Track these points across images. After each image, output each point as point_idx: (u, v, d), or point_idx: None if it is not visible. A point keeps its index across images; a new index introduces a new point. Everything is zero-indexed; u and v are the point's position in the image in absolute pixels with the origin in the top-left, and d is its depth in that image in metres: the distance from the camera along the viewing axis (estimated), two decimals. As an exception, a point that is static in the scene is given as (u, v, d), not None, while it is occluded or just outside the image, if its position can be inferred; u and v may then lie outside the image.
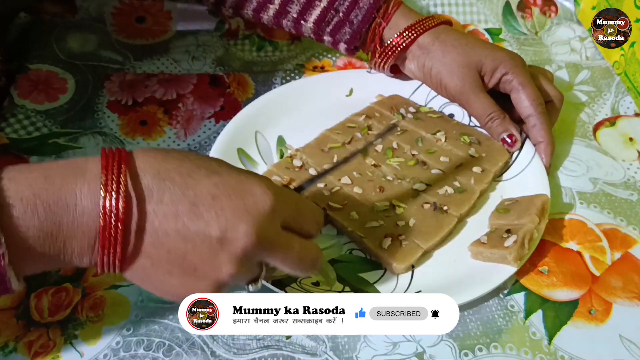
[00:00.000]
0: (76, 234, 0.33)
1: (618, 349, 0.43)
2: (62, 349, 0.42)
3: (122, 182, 0.33)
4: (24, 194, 0.32)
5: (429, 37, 0.58)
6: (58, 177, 0.33)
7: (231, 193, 0.35)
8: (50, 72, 0.63)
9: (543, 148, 0.54)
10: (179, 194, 0.34)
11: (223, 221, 0.34)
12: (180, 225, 0.34)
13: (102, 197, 0.33)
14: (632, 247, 0.50)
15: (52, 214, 0.32)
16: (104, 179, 0.33)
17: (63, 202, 0.33)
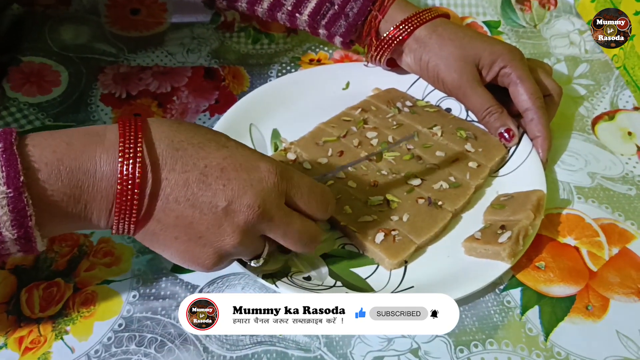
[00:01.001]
0: (96, 198, 0.35)
1: (615, 345, 0.43)
2: (53, 344, 0.42)
3: (139, 150, 0.35)
4: (48, 158, 0.34)
5: (426, 30, 0.57)
6: (79, 143, 0.35)
7: (238, 167, 0.37)
8: (43, 65, 0.63)
9: (540, 142, 0.53)
10: (191, 163, 0.36)
11: (229, 192, 0.36)
12: (189, 193, 0.36)
13: (119, 164, 0.34)
14: (630, 242, 0.50)
15: (74, 179, 0.34)
16: (121, 147, 0.35)
17: (84, 167, 0.34)
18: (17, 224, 0.33)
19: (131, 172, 0.34)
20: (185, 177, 0.36)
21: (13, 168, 0.33)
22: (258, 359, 0.42)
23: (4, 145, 0.33)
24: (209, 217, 0.36)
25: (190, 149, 0.36)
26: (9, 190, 0.32)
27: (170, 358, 0.41)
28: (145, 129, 0.36)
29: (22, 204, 0.33)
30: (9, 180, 0.32)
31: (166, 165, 0.36)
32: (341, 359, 0.42)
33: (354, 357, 0.42)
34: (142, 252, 0.48)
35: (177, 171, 0.36)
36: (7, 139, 0.34)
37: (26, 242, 0.34)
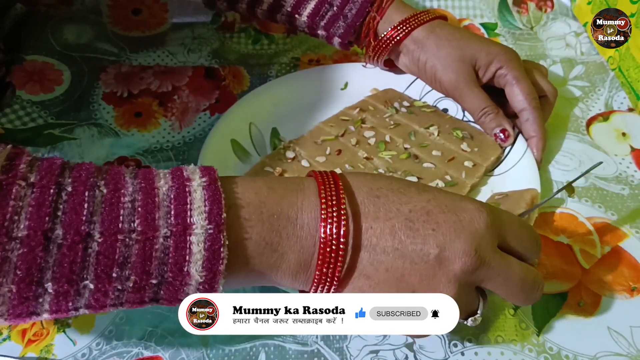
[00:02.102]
0: (294, 248, 0.33)
1: (606, 341, 0.44)
2: (55, 337, 0.43)
3: (341, 197, 0.33)
4: (251, 199, 0.32)
5: (424, 31, 0.58)
6: (281, 189, 0.33)
7: (445, 209, 0.34)
8: (46, 64, 0.64)
9: (535, 142, 0.54)
10: (394, 209, 0.33)
11: (440, 237, 0.33)
12: (397, 242, 0.33)
13: (322, 213, 0.32)
14: (622, 241, 0.50)
15: (276, 224, 0.32)
16: (322, 194, 0.33)
17: (286, 213, 0.32)
18: (208, 265, 0.30)
19: (335, 221, 0.32)
20: (391, 225, 0.33)
21: (217, 203, 0.30)
22: (256, 352, 0.42)
23: (208, 179, 0.31)
24: (421, 266, 0.33)
25: (391, 195, 0.34)
26: (210, 226, 0.30)
27: (170, 351, 0.42)
28: (343, 179, 0.34)
29: (219, 244, 0.30)
30: (212, 216, 0.30)
31: (369, 214, 0.33)
32: (337, 352, 0.42)
33: (350, 351, 0.43)
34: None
35: (380, 219, 0.33)
36: (211, 174, 0.32)
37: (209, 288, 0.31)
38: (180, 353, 0.42)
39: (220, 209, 0.30)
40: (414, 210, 0.33)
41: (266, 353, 0.42)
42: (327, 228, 0.32)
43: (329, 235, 0.32)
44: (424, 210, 0.33)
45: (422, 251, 0.33)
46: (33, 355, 0.42)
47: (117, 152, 0.56)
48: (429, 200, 0.34)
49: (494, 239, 0.34)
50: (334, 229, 0.32)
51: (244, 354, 0.42)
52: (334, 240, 0.32)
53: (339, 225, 0.32)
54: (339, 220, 0.32)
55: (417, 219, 0.33)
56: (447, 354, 0.43)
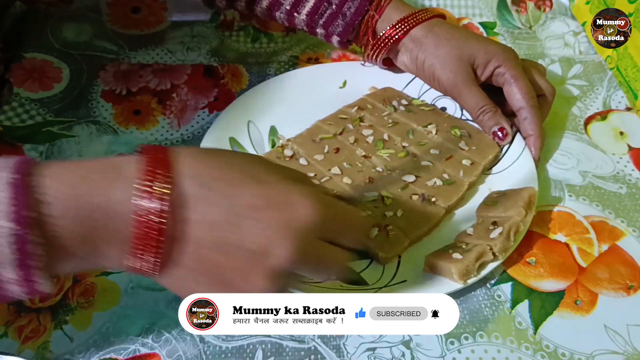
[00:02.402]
0: (111, 239, 0.32)
1: (603, 339, 0.44)
2: (52, 334, 0.43)
3: (159, 188, 0.31)
4: (63, 193, 0.31)
5: (422, 30, 0.58)
6: (96, 178, 0.32)
7: (272, 205, 0.33)
8: (45, 61, 0.64)
9: (533, 141, 0.54)
10: (221, 204, 0.33)
11: (262, 235, 0.32)
12: (218, 236, 0.32)
13: (136, 204, 0.31)
14: (620, 239, 0.51)
15: (89, 217, 0.31)
16: (140, 184, 0.31)
17: (101, 205, 0.31)
18: (21, 264, 0.30)
19: (151, 211, 0.31)
20: (213, 218, 0.32)
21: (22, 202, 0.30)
22: (253, 349, 0.42)
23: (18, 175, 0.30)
24: (240, 260, 0.33)
25: (222, 187, 0.33)
26: (17, 226, 0.29)
27: (167, 348, 0.42)
28: (169, 162, 0.33)
29: (29, 243, 0.30)
30: (16, 216, 0.29)
31: (193, 206, 0.32)
32: (334, 350, 0.43)
33: (347, 349, 0.43)
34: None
35: (205, 212, 0.32)
36: (23, 169, 0.31)
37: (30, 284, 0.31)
38: (177, 350, 0.42)
39: (26, 208, 0.30)
40: (240, 205, 0.33)
41: (263, 350, 0.42)
42: (142, 218, 0.31)
43: (144, 226, 0.31)
44: (250, 205, 0.33)
45: (242, 246, 0.32)
46: (30, 352, 0.42)
47: (116, 149, 0.56)
48: (260, 195, 0.33)
49: (317, 236, 0.34)
50: (153, 221, 0.31)
51: (241, 351, 0.42)
52: (152, 232, 0.31)
53: (151, 218, 0.31)
54: (152, 213, 0.31)
55: (241, 213, 0.33)
56: (444, 352, 0.43)
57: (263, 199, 0.33)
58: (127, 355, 0.42)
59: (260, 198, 0.33)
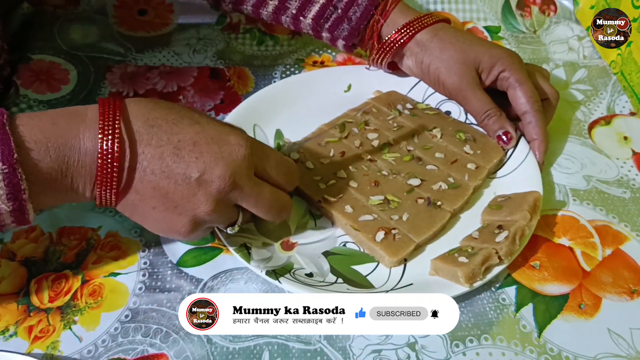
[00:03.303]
0: (80, 172, 0.39)
1: (606, 343, 0.44)
2: (61, 334, 0.43)
3: (117, 127, 0.38)
4: (37, 137, 0.37)
5: (427, 34, 0.58)
6: (64, 123, 0.38)
7: (210, 141, 0.40)
8: (53, 63, 0.64)
9: (537, 145, 0.55)
10: (165, 138, 0.39)
11: (201, 164, 0.39)
12: (164, 165, 0.39)
13: (99, 140, 0.38)
14: (623, 244, 0.51)
15: (61, 154, 0.38)
16: (100, 124, 0.38)
17: (69, 144, 0.38)
18: (12, 197, 0.36)
19: (110, 147, 0.38)
20: (161, 151, 0.39)
21: (7, 146, 0.36)
22: (260, 350, 0.43)
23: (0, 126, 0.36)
24: (183, 187, 0.39)
25: (165, 125, 0.40)
26: (4, 166, 0.35)
27: (175, 349, 0.43)
28: (123, 107, 0.39)
29: (17, 179, 0.36)
30: (4, 157, 0.35)
31: (142, 140, 0.39)
32: (340, 352, 0.43)
33: (352, 351, 0.43)
34: (148, 246, 0.49)
35: (152, 146, 0.39)
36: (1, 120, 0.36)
37: (20, 214, 0.38)
38: (185, 351, 0.43)
39: (11, 150, 0.36)
40: (183, 140, 0.39)
41: (270, 352, 0.43)
42: (104, 153, 0.38)
43: (105, 160, 0.38)
44: (191, 140, 0.40)
45: (185, 174, 0.39)
46: (39, 351, 0.42)
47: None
48: (197, 132, 0.40)
49: (250, 168, 0.41)
50: (109, 155, 0.38)
51: (248, 352, 0.43)
52: (109, 161, 0.38)
53: (113, 149, 0.38)
54: (113, 148, 0.38)
55: (184, 147, 0.39)
56: (449, 354, 0.43)
57: (200, 135, 0.40)
58: (136, 356, 0.42)
59: (198, 135, 0.40)
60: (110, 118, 0.38)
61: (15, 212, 0.37)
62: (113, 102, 0.39)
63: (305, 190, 0.51)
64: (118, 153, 0.38)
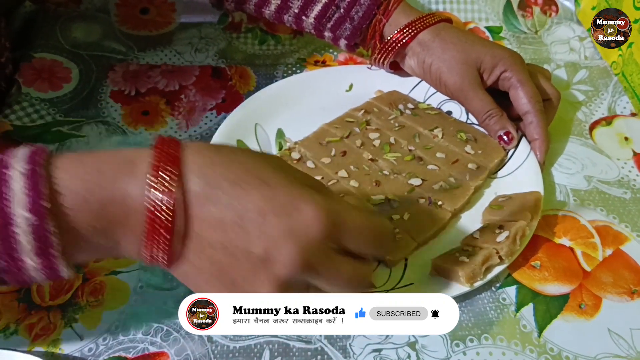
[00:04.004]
0: (125, 231, 0.33)
1: (607, 343, 0.44)
2: (62, 332, 0.43)
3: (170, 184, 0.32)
4: (76, 185, 0.32)
5: (429, 34, 0.58)
6: (110, 171, 0.33)
7: (280, 210, 0.32)
8: (55, 61, 0.64)
9: (538, 145, 0.55)
10: (226, 204, 0.33)
11: (267, 240, 0.32)
12: (224, 237, 0.32)
13: (149, 201, 0.32)
14: (624, 244, 0.51)
15: (103, 210, 0.32)
16: (154, 181, 0.32)
17: (114, 199, 0.32)
18: (40, 252, 0.31)
19: (160, 207, 0.32)
20: (221, 219, 0.32)
21: (37, 192, 0.30)
22: (260, 349, 0.43)
23: (32, 167, 0.31)
24: (244, 264, 0.33)
25: (227, 187, 0.33)
26: (33, 217, 0.30)
27: (175, 347, 0.43)
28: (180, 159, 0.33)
29: (46, 232, 0.31)
30: (33, 206, 0.30)
31: (199, 204, 0.32)
32: (341, 351, 0.43)
33: (353, 350, 0.43)
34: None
35: (211, 211, 0.32)
36: (36, 161, 0.32)
37: (50, 271, 0.32)
38: (186, 349, 0.43)
39: (41, 198, 0.30)
40: (247, 208, 0.32)
41: (270, 351, 0.43)
42: (155, 215, 0.32)
43: (157, 222, 0.32)
44: (256, 209, 0.32)
45: (247, 250, 0.32)
46: (40, 349, 0.42)
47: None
48: (265, 197, 0.33)
49: (326, 244, 0.33)
50: (163, 217, 0.32)
51: (249, 351, 0.43)
52: (162, 228, 0.32)
53: (167, 213, 0.32)
54: (168, 209, 0.32)
55: (248, 217, 0.32)
56: (449, 354, 0.43)
57: (268, 202, 0.33)
58: (136, 354, 0.42)
59: (265, 201, 0.33)
60: (167, 173, 0.32)
61: (45, 269, 0.32)
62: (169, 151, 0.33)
63: None
64: (171, 212, 0.32)
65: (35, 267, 0.31)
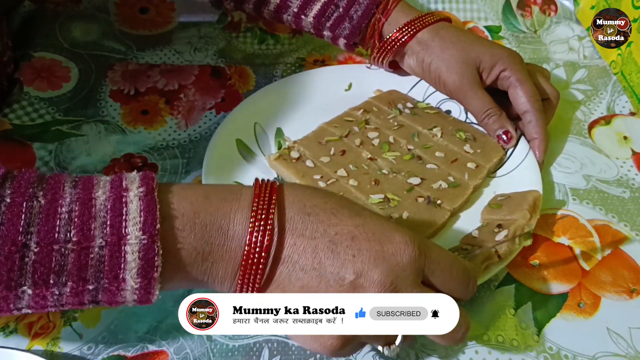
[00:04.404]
0: (224, 258, 0.34)
1: (605, 342, 0.44)
2: (61, 330, 0.44)
3: (271, 212, 0.34)
4: (186, 209, 0.33)
5: (429, 33, 0.58)
6: (216, 199, 0.34)
7: (371, 237, 0.34)
8: (54, 61, 0.64)
9: (537, 144, 0.55)
10: (321, 230, 0.34)
11: (359, 264, 0.33)
12: (316, 262, 0.34)
13: (250, 224, 0.33)
14: (623, 243, 0.51)
15: (207, 234, 0.33)
16: (254, 207, 0.34)
17: (218, 224, 0.34)
18: (143, 273, 0.31)
19: (261, 234, 0.33)
20: (314, 244, 0.34)
21: (152, 215, 0.32)
22: (260, 348, 0.43)
23: (145, 190, 0.32)
24: (335, 289, 0.34)
25: (322, 215, 0.35)
26: (144, 236, 0.31)
27: (175, 346, 0.43)
28: (280, 191, 0.35)
29: (153, 253, 0.31)
30: (146, 227, 0.31)
31: (296, 230, 0.34)
32: (340, 349, 0.43)
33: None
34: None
35: (306, 237, 0.34)
36: (149, 184, 0.33)
37: (145, 293, 0.32)
38: (185, 348, 0.43)
39: (154, 220, 0.31)
40: (340, 233, 0.34)
41: (269, 349, 0.43)
42: (252, 240, 0.33)
43: (253, 247, 0.33)
44: (349, 235, 0.34)
45: (339, 275, 0.34)
46: (39, 348, 0.42)
47: (124, 149, 0.57)
48: (357, 225, 0.35)
49: (416, 275, 0.35)
50: (259, 241, 0.33)
51: (248, 350, 0.43)
52: (257, 252, 0.33)
53: (263, 237, 0.33)
54: (264, 233, 0.33)
55: (340, 242, 0.34)
56: (449, 352, 0.43)
57: (360, 229, 0.34)
58: (135, 353, 0.42)
59: (357, 228, 0.34)
60: (265, 202, 0.34)
61: (141, 290, 0.32)
62: (270, 185, 0.35)
63: None
64: (268, 242, 0.33)
65: (134, 287, 0.32)
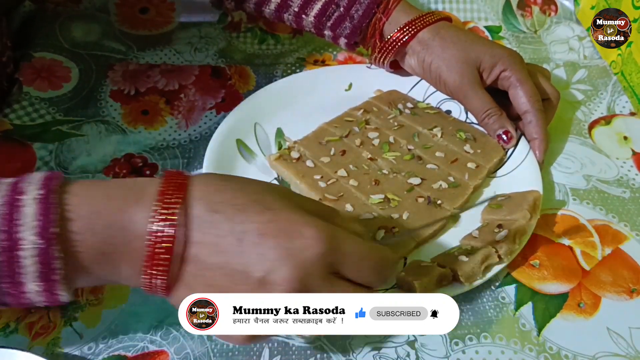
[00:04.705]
0: (127, 257, 0.34)
1: (606, 342, 0.44)
2: (62, 330, 0.44)
3: (174, 211, 0.33)
4: (85, 210, 0.33)
5: (429, 33, 0.58)
6: (119, 197, 0.34)
7: (279, 233, 0.33)
8: (54, 61, 0.64)
9: (537, 144, 0.55)
10: (227, 228, 0.33)
11: (266, 262, 0.33)
12: (222, 260, 0.33)
13: (151, 224, 0.33)
14: (623, 243, 0.51)
15: (109, 235, 0.33)
16: (157, 206, 0.33)
17: (119, 224, 0.33)
18: (43, 276, 0.32)
19: (162, 234, 0.33)
20: (220, 242, 0.33)
21: (47, 218, 0.31)
22: (260, 348, 0.43)
23: (45, 192, 0.32)
24: (242, 288, 0.33)
25: (230, 211, 0.34)
26: (41, 241, 0.31)
27: (175, 345, 0.43)
28: (186, 187, 0.34)
29: (51, 257, 0.31)
30: (42, 231, 0.31)
31: (201, 228, 0.33)
32: (340, 349, 0.43)
33: (352, 348, 0.43)
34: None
35: (211, 235, 0.33)
36: (50, 186, 0.33)
37: (50, 295, 0.33)
38: (185, 348, 0.43)
39: (50, 223, 0.31)
40: (247, 231, 0.33)
41: (270, 349, 0.43)
42: (155, 239, 0.33)
43: (157, 246, 0.33)
44: (257, 231, 0.33)
45: (245, 272, 0.33)
46: (40, 348, 0.42)
47: (124, 149, 0.57)
48: (265, 221, 0.34)
49: (324, 268, 0.34)
50: (160, 243, 0.33)
51: (248, 350, 0.43)
52: (161, 252, 0.33)
53: (167, 237, 0.33)
54: (169, 235, 0.33)
55: (247, 239, 0.33)
56: (449, 352, 0.43)
57: (267, 225, 0.34)
58: (136, 352, 0.42)
59: (264, 225, 0.34)
60: (169, 199, 0.33)
61: (46, 292, 0.32)
62: (178, 180, 0.34)
63: None
64: (171, 242, 0.33)
65: (37, 290, 0.32)
